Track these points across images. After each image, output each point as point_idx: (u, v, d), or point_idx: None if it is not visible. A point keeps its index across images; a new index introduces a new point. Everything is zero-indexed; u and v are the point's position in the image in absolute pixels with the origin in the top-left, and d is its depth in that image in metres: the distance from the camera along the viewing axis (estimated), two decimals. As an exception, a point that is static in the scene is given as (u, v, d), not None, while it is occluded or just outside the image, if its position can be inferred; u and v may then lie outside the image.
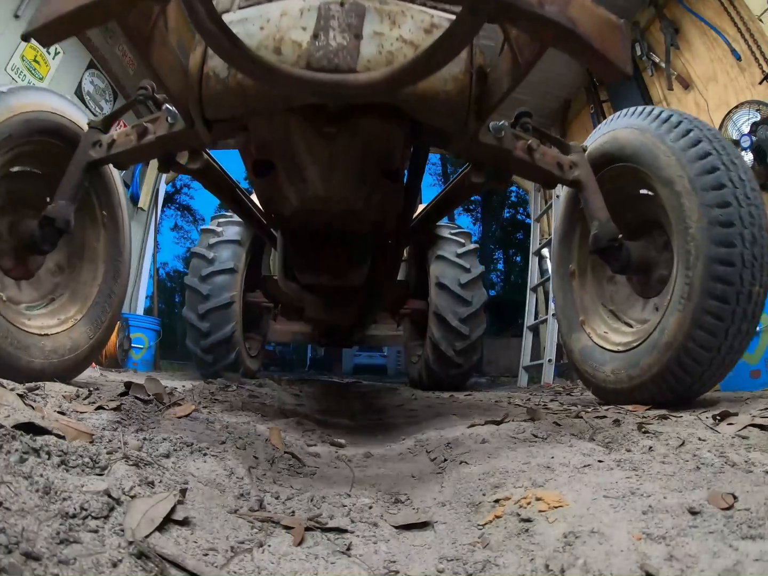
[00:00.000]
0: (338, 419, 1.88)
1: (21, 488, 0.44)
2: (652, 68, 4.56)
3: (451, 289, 3.51)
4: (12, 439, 0.52)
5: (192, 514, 0.54)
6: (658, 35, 4.43)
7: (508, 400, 2.24)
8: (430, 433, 1.26)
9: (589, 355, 1.75)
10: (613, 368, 1.59)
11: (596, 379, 1.68)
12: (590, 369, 1.71)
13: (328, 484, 0.85)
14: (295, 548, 0.54)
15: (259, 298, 3.78)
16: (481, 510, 0.64)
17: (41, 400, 0.92)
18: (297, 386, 3.41)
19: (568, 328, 1.92)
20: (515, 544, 0.51)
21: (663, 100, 4.48)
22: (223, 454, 0.79)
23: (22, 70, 4.21)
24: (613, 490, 0.58)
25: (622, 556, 0.42)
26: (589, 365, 1.72)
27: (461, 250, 3.75)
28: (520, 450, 0.86)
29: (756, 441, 0.82)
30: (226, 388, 2.06)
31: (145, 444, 0.74)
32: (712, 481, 0.60)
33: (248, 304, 3.71)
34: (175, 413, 1.04)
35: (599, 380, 1.66)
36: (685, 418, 1.13)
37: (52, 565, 0.36)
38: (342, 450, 1.18)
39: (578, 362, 1.81)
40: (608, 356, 1.65)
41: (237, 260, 3.44)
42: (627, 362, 1.53)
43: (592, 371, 1.70)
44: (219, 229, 3.55)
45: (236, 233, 3.52)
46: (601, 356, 1.68)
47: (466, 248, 3.80)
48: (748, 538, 0.43)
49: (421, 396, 2.74)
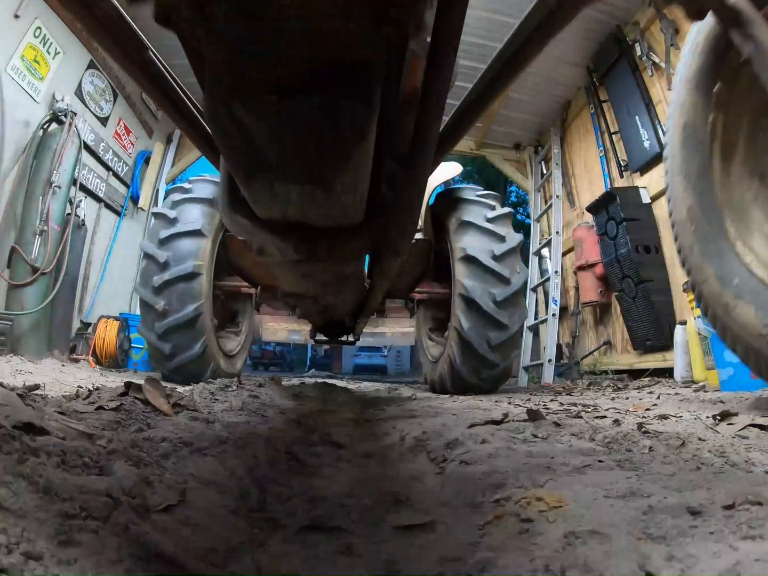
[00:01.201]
0: (338, 419, 1.88)
1: (21, 488, 0.44)
2: (652, 68, 4.56)
3: (482, 263, 2.67)
4: (12, 439, 0.52)
5: (192, 514, 0.54)
6: (658, 35, 4.43)
7: (508, 400, 2.24)
8: (430, 433, 1.25)
9: (748, 293, 1.06)
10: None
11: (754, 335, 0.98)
12: (748, 319, 1.03)
13: (328, 484, 0.85)
14: (295, 548, 0.54)
15: (237, 282, 3.03)
16: (481, 510, 0.64)
17: (41, 400, 0.92)
18: (297, 386, 3.40)
19: (701, 249, 1.23)
20: (515, 544, 0.51)
21: (663, 100, 4.48)
22: (223, 454, 0.79)
23: (22, 70, 4.21)
24: (613, 490, 0.58)
25: (622, 557, 0.42)
26: (746, 313, 1.03)
27: (492, 214, 2.89)
28: (520, 450, 0.86)
29: (756, 441, 0.82)
30: (226, 388, 2.06)
31: (145, 444, 0.74)
32: (712, 481, 0.60)
33: (225, 291, 3.02)
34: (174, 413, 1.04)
35: None
36: (685, 418, 1.13)
37: (52, 565, 0.36)
38: (342, 450, 1.18)
39: (721, 309, 1.11)
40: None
41: (207, 222, 2.70)
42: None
43: (753, 322, 1.01)
44: (188, 185, 2.90)
45: (211, 192, 2.79)
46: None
47: (498, 212, 2.94)
48: (749, 539, 0.43)
49: (421, 396, 2.73)
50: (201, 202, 2.75)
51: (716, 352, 2.53)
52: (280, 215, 1.07)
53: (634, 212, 4.53)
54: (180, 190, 2.85)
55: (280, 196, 0.94)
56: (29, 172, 4.27)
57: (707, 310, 1.31)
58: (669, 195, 1.50)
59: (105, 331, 4.95)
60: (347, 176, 0.90)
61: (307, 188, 0.92)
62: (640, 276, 4.39)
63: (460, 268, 2.73)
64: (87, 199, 5.18)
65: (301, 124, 0.77)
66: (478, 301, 2.60)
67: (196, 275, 2.59)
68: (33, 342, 4.11)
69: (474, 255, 2.69)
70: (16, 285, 4.03)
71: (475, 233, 2.79)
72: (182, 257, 2.60)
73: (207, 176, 3.01)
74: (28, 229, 4.15)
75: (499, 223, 2.86)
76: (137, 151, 6.33)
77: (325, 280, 1.62)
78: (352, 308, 2.47)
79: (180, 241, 2.63)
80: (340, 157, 0.85)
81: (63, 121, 4.49)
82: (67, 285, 4.70)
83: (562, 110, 6.31)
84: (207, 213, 2.73)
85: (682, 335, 3.44)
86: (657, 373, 4.26)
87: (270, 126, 0.76)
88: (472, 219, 2.83)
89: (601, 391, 3.22)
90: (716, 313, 1.22)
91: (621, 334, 5.08)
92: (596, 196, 4.93)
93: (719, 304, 1.18)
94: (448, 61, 0.93)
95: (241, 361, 3.39)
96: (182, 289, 2.56)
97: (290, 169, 0.88)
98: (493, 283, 2.64)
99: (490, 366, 2.67)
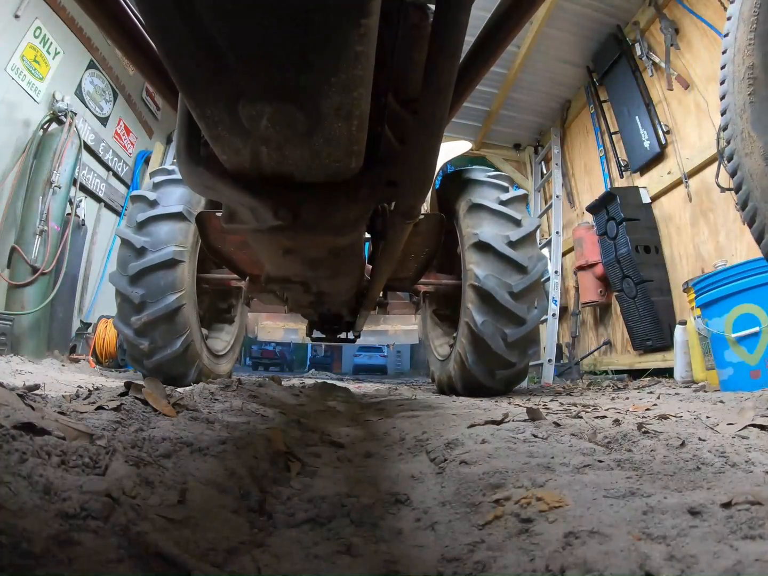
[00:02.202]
0: (338, 419, 1.88)
1: (21, 488, 0.44)
2: (652, 68, 4.56)
3: (497, 250, 2.38)
4: (12, 439, 0.52)
5: (192, 514, 0.54)
6: (658, 35, 4.43)
7: (508, 400, 2.24)
8: (430, 433, 1.25)
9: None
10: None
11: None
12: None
13: (329, 484, 0.85)
14: (295, 548, 0.54)
15: (225, 274, 2.72)
16: (481, 510, 0.64)
17: (41, 400, 0.92)
18: (297, 386, 3.39)
19: (754, 116, 1.07)
20: (515, 544, 0.51)
21: (663, 100, 4.48)
22: (223, 454, 0.79)
23: (22, 70, 4.21)
24: (613, 490, 0.58)
25: (622, 556, 0.42)
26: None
27: (506, 196, 2.59)
28: (520, 450, 0.86)
29: (756, 441, 0.82)
30: (226, 388, 2.06)
31: (145, 444, 0.74)
32: (712, 481, 0.60)
33: (212, 284, 2.77)
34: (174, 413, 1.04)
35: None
36: (685, 418, 1.13)
37: (52, 565, 0.36)
38: (342, 450, 1.18)
39: (760, 191, 0.98)
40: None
41: (191, 205, 2.45)
42: None
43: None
44: (172, 167, 2.65)
45: None
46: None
47: (513, 194, 2.63)
48: (749, 539, 0.43)
49: (421, 396, 2.73)
50: (170, 219, 2.44)
51: (716, 352, 2.53)
52: (252, 163, 0.82)
53: (634, 212, 4.53)
54: (162, 172, 2.60)
55: (248, 125, 0.70)
56: (29, 172, 4.27)
57: (741, 187, 1.17)
58: (728, 44, 1.30)
59: (105, 331, 4.95)
60: (338, 86, 0.64)
61: (283, 109, 0.67)
62: (640, 276, 4.39)
63: (471, 255, 2.43)
64: (87, 199, 5.18)
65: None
66: (493, 292, 2.31)
67: (177, 262, 2.33)
68: (33, 342, 4.11)
69: (487, 241, 2.39)
70: (16, 285, 4.03)
71: (487, 216, 2.47)
72: (161, 242, 2.33)
73: (174, 170, 2.68)
74: (28, 229, 4.16)
75: (513, 205, 2.55)
76: (137, 151, 6.33)
77: (314, 256, 1.30)
78: (351, 298, 2.20)
79: (159, 225, 2.36)
80: (328, 44, 0.58)
81: (63, 121, 4.49)
82: (67, 285, 4.70)
83: (562, 110, 6.31)
84: (191, 195, 2.46)
85: (682, 335, 3.44)
86: (657, 373, 4.26)
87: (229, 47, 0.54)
88: (484, 201, 2.51)
89: (601, 391, 3.22)
90: (752, 193, 1.09)
91: (621, 334, 5.08)
92: (596, 196, 4.94)
93: (759, 185, 1.05)
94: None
95: (230, 363, 3.13)
96: (161, 278, 2.29)
97: (256, 74, 0.62)
98: (509, 272, 2.35)
99: (506, 366, 2.39)
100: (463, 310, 2.47)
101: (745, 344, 2.30)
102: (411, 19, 0.87)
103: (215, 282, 2.74)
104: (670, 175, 4.36)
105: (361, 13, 0.54)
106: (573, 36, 5.16)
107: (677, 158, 4.28)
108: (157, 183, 2.54)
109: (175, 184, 2.51)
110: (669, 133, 4.41)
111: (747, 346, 2.28)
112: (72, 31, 4.72)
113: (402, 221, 1.10)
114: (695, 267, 4.10)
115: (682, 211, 4.30)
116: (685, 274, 4.16)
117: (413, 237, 2.06)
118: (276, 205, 0.90)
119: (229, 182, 0.88)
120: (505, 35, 0.98)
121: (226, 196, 0.93)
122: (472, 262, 2.41)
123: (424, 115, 0.83)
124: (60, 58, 4.62)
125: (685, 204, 4.23)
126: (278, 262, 1.44)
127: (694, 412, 1.37)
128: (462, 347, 2.47)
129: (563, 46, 5.31)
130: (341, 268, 1.52)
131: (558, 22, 4.92)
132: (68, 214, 4.60)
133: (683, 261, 4.29)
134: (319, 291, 1.88)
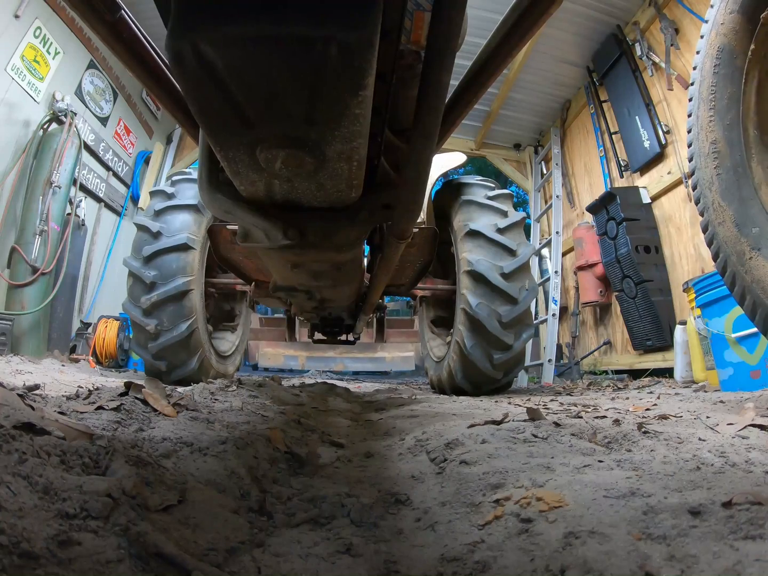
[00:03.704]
0: (338, 419, 1.88)
1: (21, 488, 0.44)
2: (652, 68, 4.56)
3: (486, 236, 2.60)
4: (12, 439, 0.52)
5: (192, 514, 0.54)
6: (658, 35, 4.43)
7: (508, 400, 2.24)
8: (430, 433, 1.25)
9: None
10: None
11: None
12: (764, 273, 0.94)
13: (328, 484, 0.85)
14: (295, 548, 0.54)
15: (231, 279, 2.93)
16: (481, 510, 0.64)
17: (41, 400, 0.92)
18: (297, 386, 3.39)
19: (721, 187, 1.14)
20: (515, 544, 0.51)
21: (663, 100, 4.48)
22: (223, 454, 0.79)
23: (22, 70, 4.21)
24: (613, 490, 0.58)
25: (622, 557, 0.42)
26: (762, 267, 0.94)
27: (493, 193, 2.88)
28: (520, 450, 0.86)
29: (756, 441, 0.82)
30: (226, 388, 2.06)
31: (145, 444, 0.74)
32: (712, 481, 0.60)
33: (218, 289, 2.94)
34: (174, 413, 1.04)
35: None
36: (685, 418, 1.13)
37: (52, 565, 0.36)
38: (342, 450, 1.18)
39: (735, 256, 1.00)
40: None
41: (194, 231, 2.61)
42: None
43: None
44: (171, 189, 2.77)
45: (196, 194, 2.62)
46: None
47: (499, 192, 2.91)
48: (749, 539, 0.43)
49: (421, 396, 2.73)
50: (186, 210, 2.61)
51: (716, 353, 2.53)
52: (266, 192, 0.96)
53: (634, 212, 4.53)
54: (162, 196, 2.72)
55: (264, 165, 0.83)
56: (29, 172, 4.27)
57: (718, 255, 1.23)
58: (691, 124, 1.40)
59: (105, 331, 4.95)
60: (340, 138, 0.77)
61: (294, 154, 0.80)
62: (640, 276, 4.39)
63: (464, 244, 2.63)
64: (87, 199, 5.18)
65: (280, 59, 0.63)
66: (485, 274, 2.48)
67: (189, 248, 2.51)
68: (33, 342, 4.11)
69: (477, 229, 2.61)
70: (16, 285, 4.03)
71: (477, 209, 2.74)
72: (176, 229, 2.51)
73: (191, 171, 2.88)
74: (28, 229, 4.16)
75: (500, 200, 2.83)
76: (137, 151, 6.33)
77: (318, 269, 1.48)
78: (351, 304, 2.35)
79: (175, 214, 2.55)
80: (332, 109, 0.71)
81: (63, 121, 4.49)
82: (67, 285, 4.70)
83: (562, 110, 6.31)
84: (193, 221, 2.61)
85: (682, 335, 3.44)
86: (657, 373, 4.26)
87: (242, 62, 0.63)
88: (473, 197, 2.81)
89: (601, 391, 3.22)
90: (729, 259, 1.15)
91: (621, 334, 5.08)
92: (596, 196, 4.94)
93: (734, 251, 1.11)
94: (456, 13, 0.77)
95: (236, 363, 3.31)
96: (173, 261, 2.47)
97: (272, 127, 0.76)
98: (499, 255, 2.55)
99: (503, 348, 2.51)
100: (459, 297, 2.64)
101: (745, 344, 2.30)
102: (405, 60, 1.00)
103: (222, 286, 2.91)
104: (670, 175, 4.37)
105: (359, 87, 0.68)
106: (573, 36, 5.17)
107: (677, 158, 4.28)
108: (175, 180, 2.77)
109: (191, 182, 2.72)
110: (669, 133, 4.41)
111: (747, 346, 2.28)
112: (72, 31, 4.72)
113: (396, 242, 1.26)
114: (695, 267, 4.10)
115: (682, 211, 4.31)
116: (685, 274, 4.16)
117: (409, 248, 2.31)
118: (285, 227, 1.06)
119: (244, 207, 1.03)
120: (486, 78, 1.08)
121: (242, 219, 1.07)
122: (465, 250, 2.62)
123: (415, 148, 0.95)
124: (60, 58, 4.62)
125: (685, 204, 4.23)
126: (286, 274, 1.61)
127: (694, 412, 1.37)
128: (459, 335, 2.60)
129: (563, 46, 5.31)
130: (342, 278, 1.68)
131: (558, 22, 4.92)
132: (68, 214, 4.60)
133: (683, 261, 4.30)
134: (321, 298, 2.05)
